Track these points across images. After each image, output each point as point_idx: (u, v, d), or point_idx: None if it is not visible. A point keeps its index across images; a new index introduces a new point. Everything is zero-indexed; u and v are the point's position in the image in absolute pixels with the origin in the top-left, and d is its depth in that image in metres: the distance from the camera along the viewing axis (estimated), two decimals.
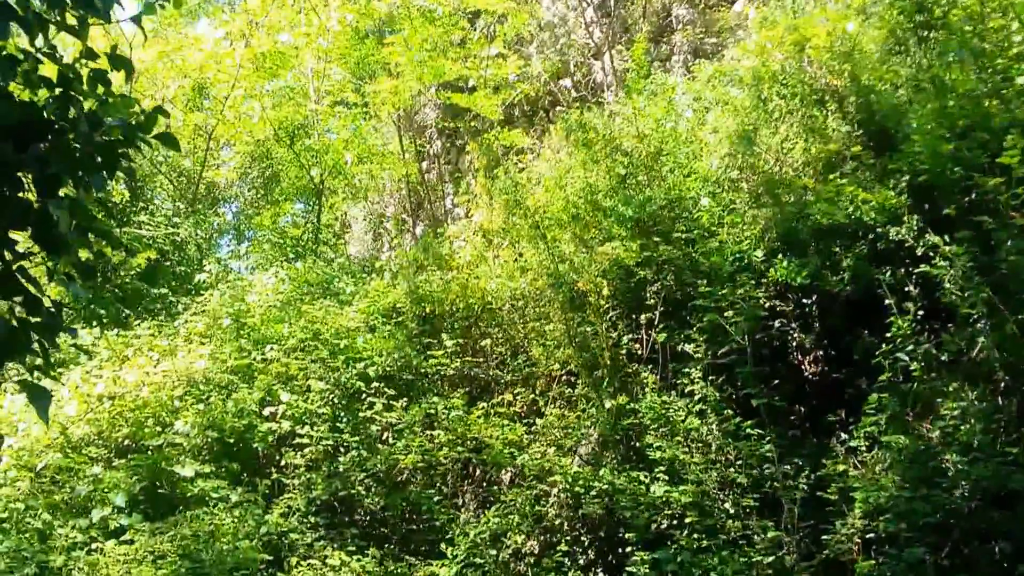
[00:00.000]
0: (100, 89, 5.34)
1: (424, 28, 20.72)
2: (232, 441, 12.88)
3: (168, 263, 20.16)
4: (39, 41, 5.22)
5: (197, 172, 25.85)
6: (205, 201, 27.24)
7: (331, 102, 24.61)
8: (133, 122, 5.37)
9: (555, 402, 13.05)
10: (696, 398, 11.06)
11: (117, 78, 5.47)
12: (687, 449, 10.68)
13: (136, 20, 5.84)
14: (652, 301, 12.47)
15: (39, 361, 5.41)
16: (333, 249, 25.98)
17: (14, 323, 5.07)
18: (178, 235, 21.25)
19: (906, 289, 10.14)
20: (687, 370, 11.29)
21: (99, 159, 5.22)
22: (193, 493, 11.80)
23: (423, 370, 14.31)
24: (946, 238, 9.79)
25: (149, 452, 12.44)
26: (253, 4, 21.43)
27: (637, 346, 12.55)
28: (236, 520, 11.17)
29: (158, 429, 12.96)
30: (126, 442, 13.21)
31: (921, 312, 9.94)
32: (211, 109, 24.87)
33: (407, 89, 21.20)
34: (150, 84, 22.33)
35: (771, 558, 9.49)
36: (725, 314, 11.12)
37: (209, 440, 12.84)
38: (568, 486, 11.45)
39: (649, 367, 12.16)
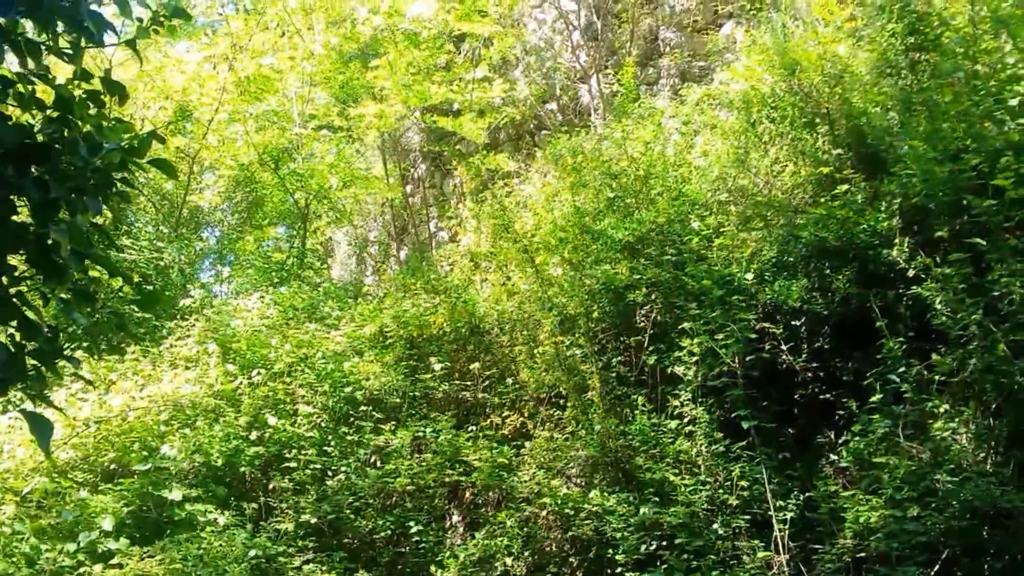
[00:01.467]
0: (94, 111, 5.29)
1: (409, 52, 20.75)
2: (219, 465, 12.85)
3: (151, 287, 20.09)
4: (32, 63, 5.17)
5: (180, 196, 25.81)
6: (188, 225, 27.18)
7: (315, 126, 24.58)
8: (127, 146, 5.31)
9: (544, 424, 13.06)
10: (686, 420, 11.12)
11: (108, 101, 5.44)
12: (677, 471, 10.68)
13: (131, 44, 5.78)
14: (642, 324, 12.52)
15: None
16: (318, 273, 25.95)
17: (11, 348, 4.99)
18: (161, 259, 21.18)
19: (897, 311, 10.19)
20: (677, 392, 11.35)
21: (93, 182, 5.17)
22: (181, 517, 11.77)
23: (411, 393, 14.33)
24: (937, 260, 9.85)
25: (136, 476, 12.38)
26: (236, 27, 21.43)
27: (627, 369, 12.57)
28: (224, 544, 11.13)
29: (144, 453, 12.91)
30: (112, 466, 13.17)
31: (912, 334, 10.01)
32: (193, 132, 24.83)
33: (392, 113, 21.19)
34: (131, 104, 22.24)
35: None
36: (715, 337, 11.15)
37: (196, 464, 12.81)
38: (557, 508, 11.47)
39: (639, 390, 12.16)
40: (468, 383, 14.69)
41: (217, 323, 16.18)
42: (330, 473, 12.95)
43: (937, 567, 8.68)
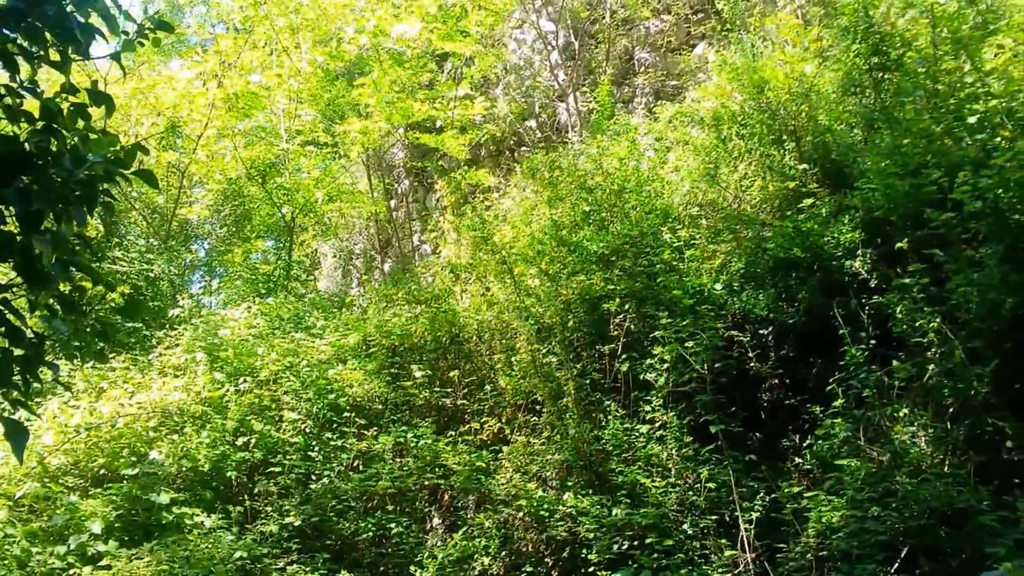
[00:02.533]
0: (81, 124, 5.36)
1: (393, 70, 20.94)
2: (206, 470, 13.03)
3: (142, 298, 20.24)
4: (21, 74, 5.25)
5: (170, 209, 25.95)
6: (178, 238, 27.31)
7: (302, 142, 24.74)
8: (112, 158, 5.34)
9: (521, 430, 13.27)
10: (657, 425, 11.36)
11: (95, 113, 5.57)
12: (648, 473, 10.92)
13: (116, 57, 5.90)
14: (615, 332, 12.76)
15: (15, 393, 5.34)
16: (304, 285, 26.08)
17: None
18: (151, 271, 21.32)
19: (859, 319, 10.47)
20: (649, 398, 11.59)
21: (79, 193, 5.21)
22: (168, 520, 11.92)
23: (393, 400, 14.54)
24: (898, 270, 10.14)
25: (125, 481, 12.55)
26: (225, 46, 21.61)
27: (601, 376, 12.83)
28: (211, 546, 11.28)
29: (133, 459, 13.05)
30: (102, 472, 13.29)
31: (873, 341, 10.28)
32: (184, 147, 24.97)
33: (376, 129, 21.40)
34: (124, 120, 22.40)
35: None
36: (685, 344, 11.41)
37: (183, 469, 12.99)
38: (533, 510, 11.69)
39: (612, 396, 12.44)
40: (448, 390, 14.92)
41: (205, 332, 16.36)
42: (314, 477, 13.13)
43: (896, 565, 8.84)
